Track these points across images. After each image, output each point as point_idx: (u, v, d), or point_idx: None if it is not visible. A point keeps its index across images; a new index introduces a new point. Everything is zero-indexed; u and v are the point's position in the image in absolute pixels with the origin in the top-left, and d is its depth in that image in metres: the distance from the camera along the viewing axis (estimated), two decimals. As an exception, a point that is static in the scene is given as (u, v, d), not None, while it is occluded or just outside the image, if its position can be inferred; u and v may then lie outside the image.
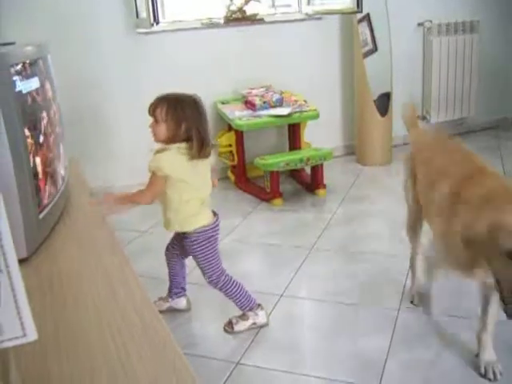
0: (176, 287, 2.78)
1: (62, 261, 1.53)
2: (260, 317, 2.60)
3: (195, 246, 2.45)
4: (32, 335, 0.79)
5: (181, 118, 2.29)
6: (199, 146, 2.30)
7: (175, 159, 2.30)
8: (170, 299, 2.79)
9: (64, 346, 1.11)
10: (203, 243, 2.45)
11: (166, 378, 1.03)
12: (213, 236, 2.48)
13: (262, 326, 2.59)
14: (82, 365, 1.06)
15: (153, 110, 2.36)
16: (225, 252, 3.39)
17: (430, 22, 5.12)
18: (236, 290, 2.57)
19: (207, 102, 4.50)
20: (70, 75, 3.88)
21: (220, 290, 2.55)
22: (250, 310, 2.59)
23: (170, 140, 2.32)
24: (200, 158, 2.31)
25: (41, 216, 1.58)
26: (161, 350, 1.10)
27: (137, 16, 4.14)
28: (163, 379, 1.03)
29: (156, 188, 2.35)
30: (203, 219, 2.45)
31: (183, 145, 2.30)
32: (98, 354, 1.09)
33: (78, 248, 1.64)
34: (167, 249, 2.72)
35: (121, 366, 1.05)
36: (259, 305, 2.61)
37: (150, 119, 2.37)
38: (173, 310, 2.77)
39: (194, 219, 2.43)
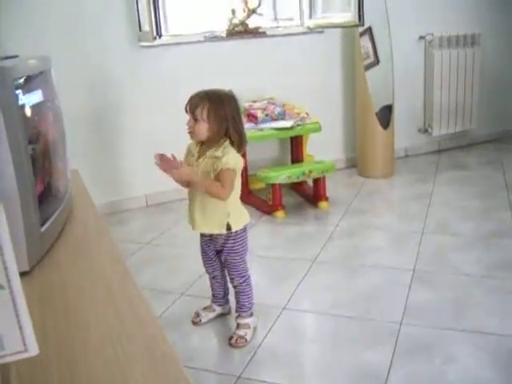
0: (225, 292, 2.82)
1: (63, 274, 1.53)
2: (256, 321, 2.69)
3: (238, 245, 2.50)
4: (33, 350, 0.79)
5: (223, 116, 2.31)
6: (242, 142, 2.36)
7: (238, 155, 2.34)
8: (217, 307, 2.82)
9: (65, 360, 1.11)
10: (245, 239, 2.53)
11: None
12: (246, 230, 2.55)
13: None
14: (84, 379, 1.06)
15: (193, 108, 2.35)
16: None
17: (432, 35, 5.14)
18: (251, 290, 2.64)
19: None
20: (73, 88, 3.90)
21: (240, 285, 2.60)
22: (252, 314, 2.66)
23: (212, 138, 2.34)
24: (241, 152, 2.37)
25: (43, 229, 1.58)
26: (163, 364, 1.09)
27: (139, 29, 4.16)
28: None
29: (231, 189, 2.34)
30: (247, 215, 2.53)
31: (227, 141, 2.33)
32: (99, 367, 1.09)
33: (80, 261, 1.64)
34: (210, 259, 2.70)
35: (123, 380, 1.04)
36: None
37: (186, 117, 2.40)
38: (174, 322, 2.77)
39: (245, 216, 2.51)
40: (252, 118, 4.32)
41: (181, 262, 3.48)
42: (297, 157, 4.62)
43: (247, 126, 4.23)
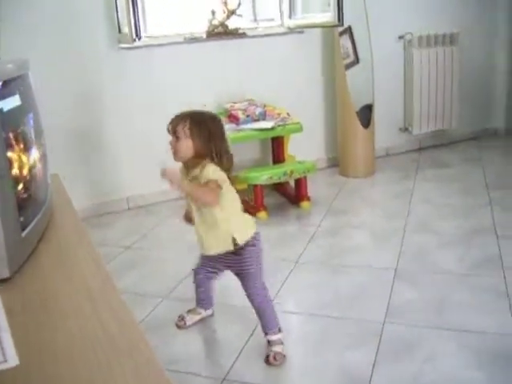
0: (211, 299, 2.81)
1: (45, 280, 1.52)
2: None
3: (248, 258, 2.40)
4: (13, 361, 0.78)
5: (206, 135, 2.25)
6: (229, 163, 2.30)
7: (218, 168, 2.26)
8: (202, 310, 2.81)
9: (47, 367, 1.10)
10: (257, 252, 2.42)
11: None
12: (260, 241, 2.44)
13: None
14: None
15: (174, 126, 2.30)
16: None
17: (411, 34, 5.16)
18: (272, 305, 2.53)
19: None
20: (52, 91, 3.87)
21: (260, 304, 2.49)
22: (279, 331, 2.50)
23: (196, 157, 2.27)
24: (229, 172, 2.31)
25: (23, 234, 1.57)
26: (144, 369, 1.09)
27: (119, 31, 4.14)
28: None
29: (218, 194, 2.25)
30: (253, 226, 2.44)
31: (208, 160, 2.26)
32: (81, 374, 1.08)
33: (62, 266, 1.63)
34: (198, 273, 2.70)
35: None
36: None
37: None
38: (157, 326, 2.75)
39: (250, 226, 2.43)
40: (233, 118, 4.31)
41: (163, 265, 3.46)
42: (278, 157, 4.62)
43: (228, 127, 4.23)
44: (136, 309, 2.91)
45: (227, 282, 2.98)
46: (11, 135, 1.56)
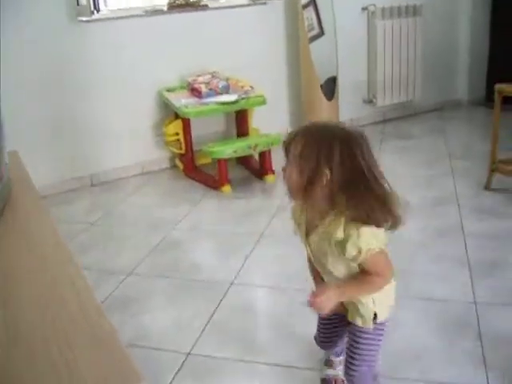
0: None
1: (5, 259, 1.50)
2: None
3: (370, 341, 1.78)
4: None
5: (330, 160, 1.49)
6: (386, 215, 1.56)
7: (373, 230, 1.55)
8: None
9: (6, 347, 1.09)
10: (383, 333, 1.80)
11: (112, 375, 1.01)
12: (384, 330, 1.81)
13: None
14: (25, 365, 1.04)
15: (286, 144, 1.60)
16: (174, 241, 3.38)
17: (374, 5, 5.15)
18: None
19: (152, 90, 4.50)
20: (10, 67, 3.77)
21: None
22: None
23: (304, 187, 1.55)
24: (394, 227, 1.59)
25: (-21, 213, 1.54)
26: (106, 347, 1.08)
27: (77, 3, 4.04)
28: (109, 377, 1.01)
29: (389, 263, 1.63)
30: (393, 297, 1.79)
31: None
32: (41, 352, 1.07)
33: (22, 245, 1.60)
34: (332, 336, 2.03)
35: (65, 364, 1.03)
36: None
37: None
38: (123, 302, 2.74)
39: (390, 300, 1.79)
40: (196, 92, 4.27)
41: (128, 242, 3.44)
42: (242, 131, 4.59)
43: (191, 100, 4.19)
44: (101, 285, 2.89)
45: (193, 258, 2.98)
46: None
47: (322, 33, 4.76)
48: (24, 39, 3.96)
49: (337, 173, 1.49)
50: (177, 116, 4.36)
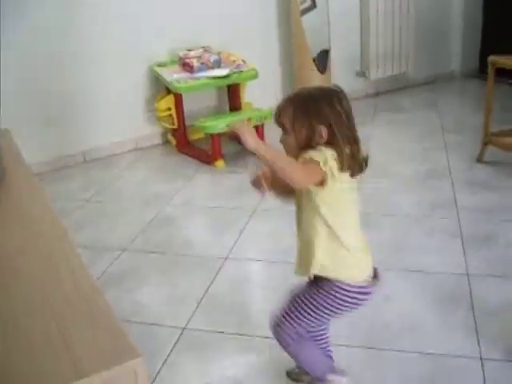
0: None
1: (0, 236, 1.50)
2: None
3: (323, 297, 1.75)
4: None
5: (314, 117, 1.62)
6: (353, 159, 1.68)
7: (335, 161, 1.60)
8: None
9: (2, 325, 1.10)
10: (338, 301, 1.73)
11: (109, 351, 1.02)
12: (358, 300, 1.74)
13: None
14: (22, 342, 1.05)
15: (277, 117, 1.69)
16: (168, 217, 3.38)
17: (366, -24, 5.11)
18: (307, 358, 1.92)
19: (143, 65, 4.46)
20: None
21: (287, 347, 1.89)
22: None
23: (303, 147, 1.64)
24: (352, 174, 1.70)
25: (-28, 191, 1.53)
26: (102, 324, 1.09)
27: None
28: (106, 353, 1.02)
29: (313, 176, 1.59)
30: (359, 269, 1.76)
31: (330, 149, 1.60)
32: (38, 329, 1.08)
33: (17, 222, 1.60)
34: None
35: (62, 341, 1.03)
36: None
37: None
38: (119, 278, 2.75)
39: (356, 267, 1.76)
40: (187, 67, 4.24)
41: (122, 218, 3.44)
42: (235, 105, 4.57)
43: (183, 75, 4.16)
44: (96, 262, 2.89)
45: (187, 234, 2.99)
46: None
47: (314, 5, 4.71)
48: (8, 12, 3.90)
49: (328, 125, 1.63)
50: (168, 91, 4.33)
